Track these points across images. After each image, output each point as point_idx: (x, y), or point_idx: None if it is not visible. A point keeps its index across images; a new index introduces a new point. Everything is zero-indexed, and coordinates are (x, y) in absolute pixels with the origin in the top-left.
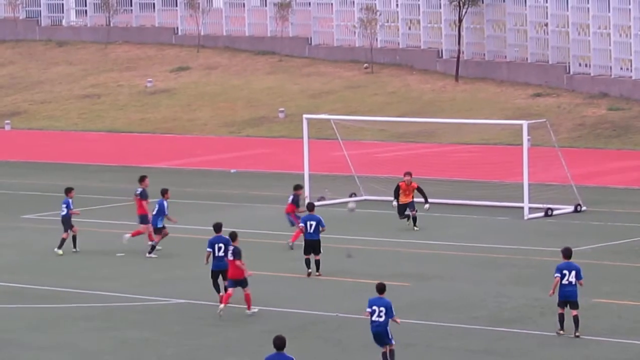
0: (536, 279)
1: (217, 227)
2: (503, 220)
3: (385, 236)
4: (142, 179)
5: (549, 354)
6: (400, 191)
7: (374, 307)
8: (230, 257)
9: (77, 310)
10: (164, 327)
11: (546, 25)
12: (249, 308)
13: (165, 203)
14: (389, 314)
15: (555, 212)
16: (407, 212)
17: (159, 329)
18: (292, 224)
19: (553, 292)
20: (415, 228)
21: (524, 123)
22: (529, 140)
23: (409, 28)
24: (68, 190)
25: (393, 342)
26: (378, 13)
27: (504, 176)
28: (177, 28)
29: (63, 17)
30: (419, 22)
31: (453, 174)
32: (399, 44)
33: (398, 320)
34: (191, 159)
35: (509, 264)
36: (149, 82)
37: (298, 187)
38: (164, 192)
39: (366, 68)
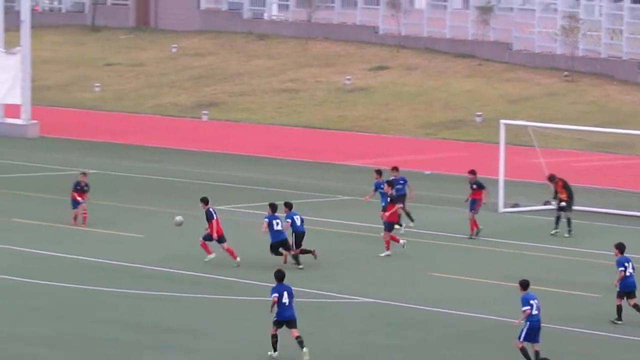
0: None
1: (273, 207)
2: None
3: (581, 246)
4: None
5: None
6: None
7: (532, 302)
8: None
9: (252, 303)
10: (347, 325)
11: None
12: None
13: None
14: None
15: None
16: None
17: (341, 326)
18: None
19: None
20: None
21: None
22: None
23: (612, 38)
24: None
25: None
26: (581, 22)
27: None
28: (378, 27)
29: (265, 11)
30: (621, 32)
31: None
32: (600, 53)
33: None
34: (385, 158)
35: None
36: (347, 79)
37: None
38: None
39: (566, 76)
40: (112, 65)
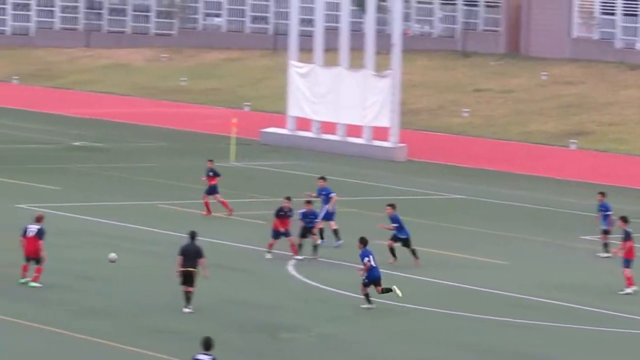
0: None
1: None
2: None
3: None
4: None
5: None
6: None
7: (370, 257)
8: None
9: (622, 336)
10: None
11: None
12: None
13: None
14: None
15: None
16: None
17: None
18: None
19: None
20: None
21: None
22: None
23: None
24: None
25: None
26: None
27: None
28: None
29: (637, 41)
30: None
31: None
32: None
33: None
34: None
35: None
36: None
37: None
38: None
39: None
40: (482, 91)
